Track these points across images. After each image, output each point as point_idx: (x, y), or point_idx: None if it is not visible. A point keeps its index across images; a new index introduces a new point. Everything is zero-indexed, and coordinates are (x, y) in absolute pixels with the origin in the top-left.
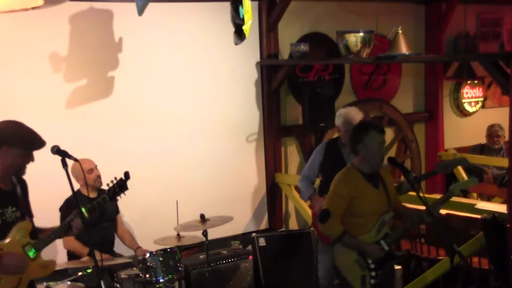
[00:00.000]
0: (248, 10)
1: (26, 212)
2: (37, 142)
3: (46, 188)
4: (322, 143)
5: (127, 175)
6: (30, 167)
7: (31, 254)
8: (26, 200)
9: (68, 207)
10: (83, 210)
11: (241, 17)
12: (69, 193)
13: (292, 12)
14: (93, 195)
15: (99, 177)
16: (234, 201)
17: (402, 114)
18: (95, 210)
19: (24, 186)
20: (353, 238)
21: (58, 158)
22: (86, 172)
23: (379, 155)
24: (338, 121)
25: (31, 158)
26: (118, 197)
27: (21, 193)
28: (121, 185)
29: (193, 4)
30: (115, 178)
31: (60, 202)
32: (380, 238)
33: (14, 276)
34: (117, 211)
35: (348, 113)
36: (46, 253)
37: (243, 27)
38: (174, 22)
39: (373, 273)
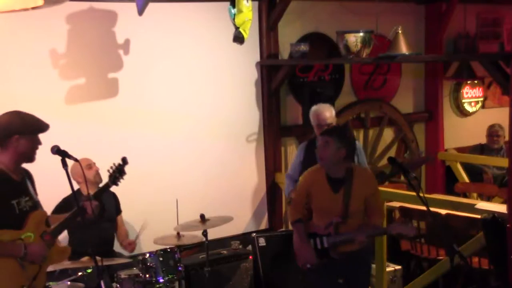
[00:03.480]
0: (242, 10)
1: (37, 201)
2: (42, 125)
3: (46, 188)
4: (303, 142)
5: (124, 160)
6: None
7: (48, 242)
8: (35, 190)
9: (65, 204)
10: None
11: (232, 17)
12: (68, 192)
13: (292, 12)
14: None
15: (97, 172)
16: (234, 201)
17: (402, 114)
18: (101, 194)
19: (31, 177)
20: (300, 229)
21: (58, 158)
22: (85, 167)
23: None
24: (310, 117)
25: (39, 142)
26: (118, 182)
27: (30, 184)
28: (120, 170)
29: (193, 4)
30: (114, 164)
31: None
32: (326, 235)
33: (34, 265)
34: (118, 211)
35: (317, 109)
36: None
37: (240, 29)
38: (174, 22)
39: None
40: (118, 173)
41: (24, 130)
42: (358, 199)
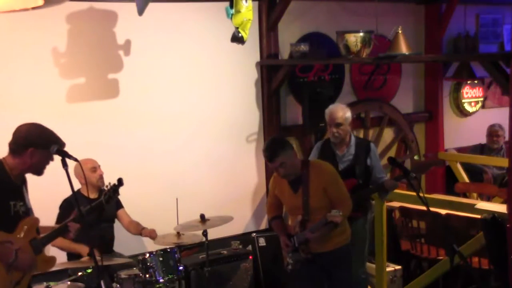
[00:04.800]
0: (240, 11)
1: (30, 209)
2: (59, 142)
3: (47, 188)
4: (319, 142)
5: (120, 181)
6: None
7: (36, 249)
8: (27, 198)
9: (67, 207)
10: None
11: (229, 17)
12: (68, 193)
13: (292, 12)
14: (93, 195)
15: (101, 176)
16: (234, 201)
17: (402, 114)
18: (92, 212)
19: (26, 184)
20: (276, 226)
21: (58, 158)
22: (90, 170)
23: None
24: (326, 117)
25: (51, 158)
26: (112, 202)
27: (25, 190)
28: (114, 190)
29: (193, 4)
30: (109, 183)
31: (60, 202)
32: (296, 235)
33: (19, 271)
34: (118, 207)
35: (331, 108)
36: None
37: (239, 29)
38: (174, 22)
39: (289, 260)
40: (112, 193)
41: (41, 144)
42: (317, 193)
